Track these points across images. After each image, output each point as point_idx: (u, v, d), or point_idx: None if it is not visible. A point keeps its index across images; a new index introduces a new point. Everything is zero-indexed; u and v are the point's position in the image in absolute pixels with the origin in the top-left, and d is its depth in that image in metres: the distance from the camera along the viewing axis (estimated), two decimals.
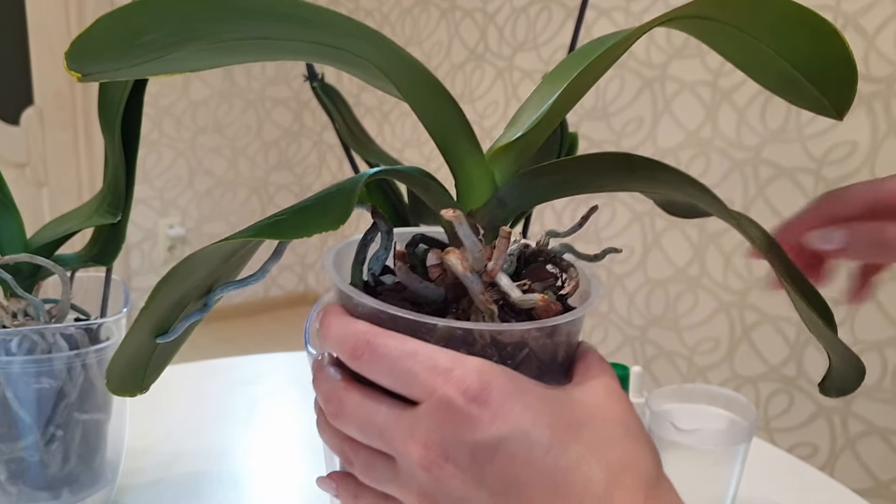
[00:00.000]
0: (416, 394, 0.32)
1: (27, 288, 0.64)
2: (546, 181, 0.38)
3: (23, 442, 0.63)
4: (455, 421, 0.30)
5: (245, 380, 1.03)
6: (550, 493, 0.30)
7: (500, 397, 0.30)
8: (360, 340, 0.33)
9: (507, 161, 0.38)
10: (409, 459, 0.31)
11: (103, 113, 0.61)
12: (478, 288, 0.34)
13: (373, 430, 0.33)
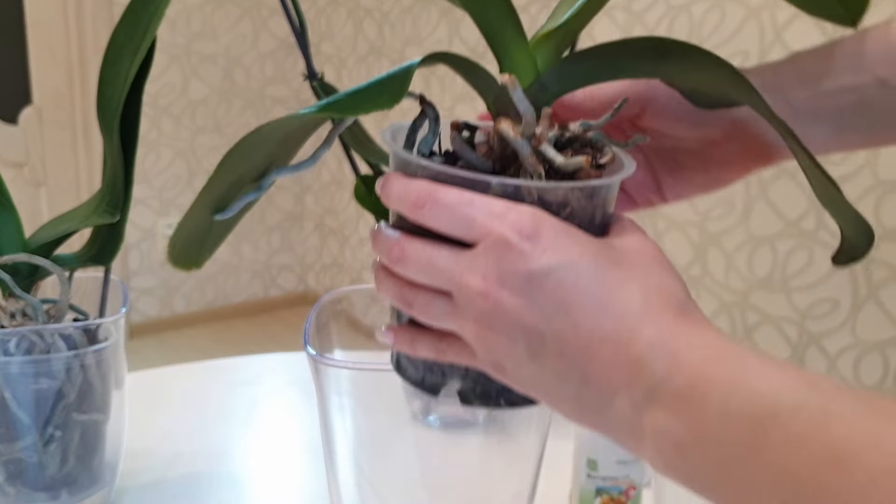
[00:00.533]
0: (474, 235, 0.36)
1: (25, 288, 0.64)
2: (585, 66, 0.41)
3: (21, 443, 0.63)
4: (511, 255, 0.35)
5: (245, 380, 1.02)
6: (594, 311, 0.34)
7: (550, 234, 0.35)
8: (423, 192, 0.37)
9: (549, 48, 0.41)
10: (468, 291, 0.36)
11: (102, 112, 0.61)
12: (527, 152, 0.38)
13: (433, 270, 0.37)
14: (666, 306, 0.34)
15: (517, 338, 0.35)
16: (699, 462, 0.32)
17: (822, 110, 0.45)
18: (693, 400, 0.31)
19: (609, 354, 0.34)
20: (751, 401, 0.30)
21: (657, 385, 0.32)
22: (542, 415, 0.58)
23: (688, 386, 0.32)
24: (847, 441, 0.28)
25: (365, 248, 3.07)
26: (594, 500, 0.68)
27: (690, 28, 1.89)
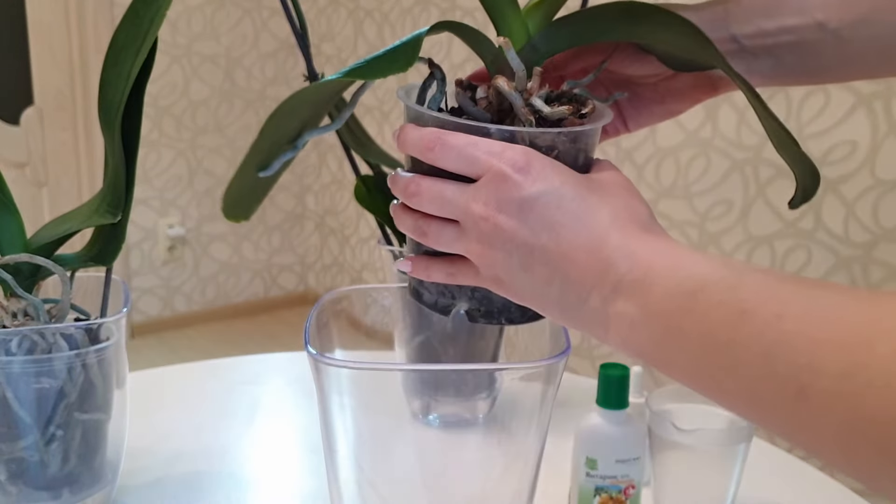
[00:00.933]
0: (476, 171, 0.43)
1: (27, 288, 0.64)
2: (570, 29, 0.48)
3: (23, 442, 0.63)
4: (507, 185, 0.42)
5: (245, 380, 1.03)
6: (572, 226, 0.41)
7: (539, 167, 0.42)
8: (433, 137, 0.44)
9: (538, 15, 0.48)
10: (473, 216, 0.43)
11: (103, 113, 0.62)
12: (519, 103, 0.45)
13: (443, 202, 0.44)
14: (630, 222, 0.41)
15: (512, 252, 0.43)
16: (648, 335, 0.39)
17: (764, 47, 0.49)
18: (643, 286, 0.39)
19: (584, 259, 0.41)
20: (684, 281, 0.37)
21: (619, 279, 0.40)
22: (541, 414, 0.58)
23: (641, 276, 0.39)
24: (752, 299, 0.34)
25: (365, 248, 3.07)
26: (593, 498, 0.68)
27: None
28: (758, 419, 0.35)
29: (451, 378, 0.75)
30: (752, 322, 0.34)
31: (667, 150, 1.99)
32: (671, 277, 0.38)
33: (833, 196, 1.69)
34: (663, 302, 0.38)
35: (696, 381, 0.37)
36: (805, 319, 0.32)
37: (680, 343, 0.37)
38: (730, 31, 0.49)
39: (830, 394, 0.31)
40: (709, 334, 0.35)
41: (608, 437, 0.67)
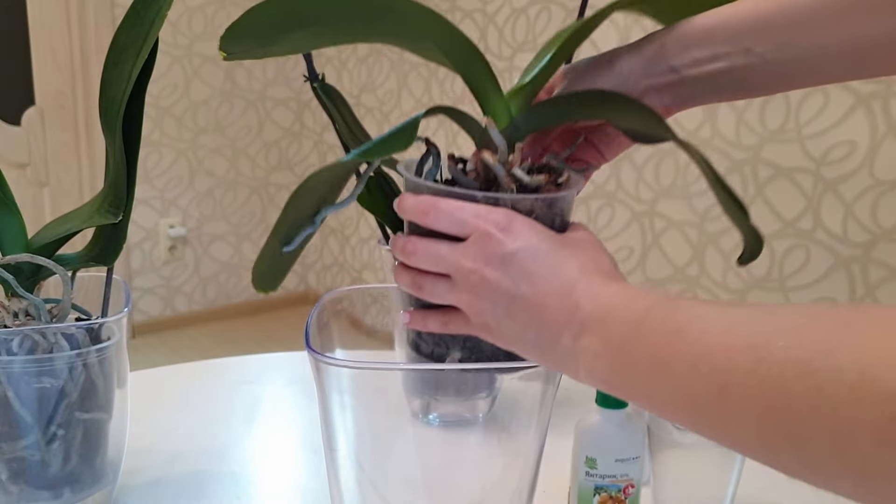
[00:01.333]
0: (465, 231, 0.49)
1: (28, 288, 0.64)
2: (547, 112, 0.54)
3: (24, 441, 0.63)
4: (491, 243, 0.48)
5: (246, 379, 1.03)
6: (546, 276, 0.47)
7: (518, 227, 0.48)
8: (428, 202, 0.50)
9: (519, 99, 0.54)
10: (463, 270, 0.49)
11: (104, 113, 0.62)
12: (502, 173, 0.51)
13: (437, 259, 0.50)
14: (596, 272, 0.47)
15: (497, 301, 0.48)
16: (608, 364, 0.44)
17: (701, 73, 0.54)
18: (604, 322, 0.45)
19: (556, 303, 0.47)
20: (634, 313, 0.43)
21: (585, 318, 0.45)
22: (541, 414, 0.58)
23: (602, 314, 0.45)
24: (684, 320, 0.40)
25: (365, 248, 3.07)
26: (593, 498, 0.68)
27: None
28: (698, 426, 0.40)
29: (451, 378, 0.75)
30: (683, 339, 0.40)
31: (666, 151, 1.99)
32: (624, 310, 0.44)
33: (832, 196, 1.70)
34: (617, 331, 0.44)
35: (648, 399, 0.43)
36: (724, 331, 0.38)
37: (632, 366, 0.43)
38: (668, 64, 0.55)
39: (743, 388, 0.36)
40: (651, 354, 0.41)
41: (608, 437, 0.67)
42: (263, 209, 3.23)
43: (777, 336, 0.36)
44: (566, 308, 0.46)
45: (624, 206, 2.10)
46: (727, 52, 0.53)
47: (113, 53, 0.61)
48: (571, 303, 0.46)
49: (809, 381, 0.34)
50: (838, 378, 0.33)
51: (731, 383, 0.37)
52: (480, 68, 0.53)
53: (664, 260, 2.03)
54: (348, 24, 0.48)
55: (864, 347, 0.33)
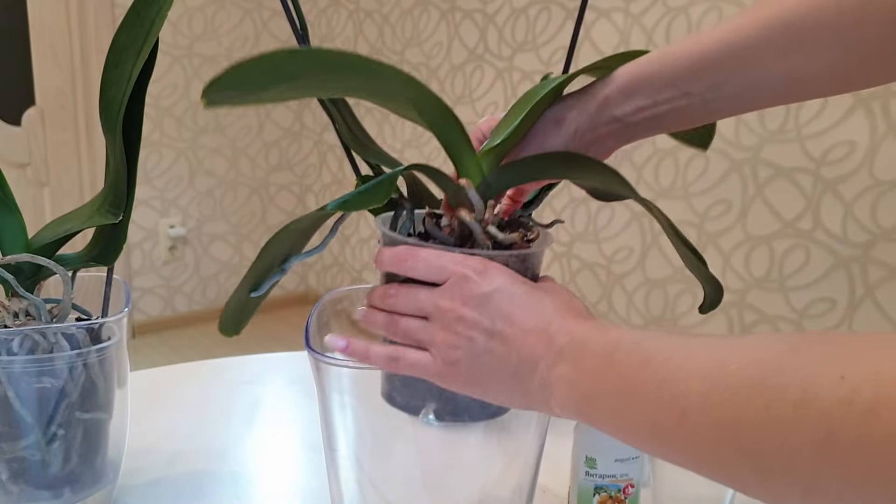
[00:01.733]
0: (443, 276, 0.51)
1: (29, 288, 0.64)
2: (517, 171, 0.57)
3: (24, 441, 0.63)
4: (469, 284, 0.50)
5: (246, 379, 1.03)
6: (523, 314, 0.49)
7: (493, 272, 0.51)
8: (406, 251, 0.52)
9: (490, 159, 0.57)
10: (441, 310, 0.51)
11: (105, 113, 0.62)
12: (478, 230, 0.54)
13: (416, 300, 0.52)
14: (569, 311, 0.50)
15: (474, 337, 0.50)
16: (581, 392, 0.46)
17: (644, 118, 0.57)
18: (578, 353, 0.47)
19: (533, 338, 0.49)
20: (606, 345, 0.46)
21: (561, 349, 0.47)
22: (541, 413, 0.59)
23: (577, 346, 0.47)
24: (650, 350, 0.43)
25: (365, 248, 3.07)
26: (593, 497, 0.68)
27: (688, 29, 1.90)
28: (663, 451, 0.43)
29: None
30: (649, 367, 0.42)
31: (665, 151, 1.99)
32: (597, 341, 0.46)
33: (832, 196, 1.70)
34: (590, 361, 0.46)
35: (616, 427, 0.45)
36: (686, 357, 0.41)
37: (601, 395, 0.45)
38: (612, 115, 0.57)
39: (700, 409, 0.38)
40: (620, 383, 0.44)
41: (607, 437, 0.67)
42: (263, 209, 3.23)
43: (732, 359, 0.38)
44: (542, 342, 0.48)
45: (624, 206, 2.10)
46: (667, 98, 0.55)
47: (113, 54, 0.61)
48: (547, 337, 0.48)
49: (759, 400, 0.36)
50: (783, 396, 0.35)
51: (690, 407, 0.39)
52: (453, 128, 0.55)
53: (664, 260, 2.03)
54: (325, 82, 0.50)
55: (809, 366, 0.35)
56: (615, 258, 2.14)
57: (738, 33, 0.53)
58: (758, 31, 0.52)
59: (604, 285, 2.19)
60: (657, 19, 1.96)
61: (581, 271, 2.24)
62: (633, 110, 0.57)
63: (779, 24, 0.52)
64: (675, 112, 0.56)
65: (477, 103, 2.48)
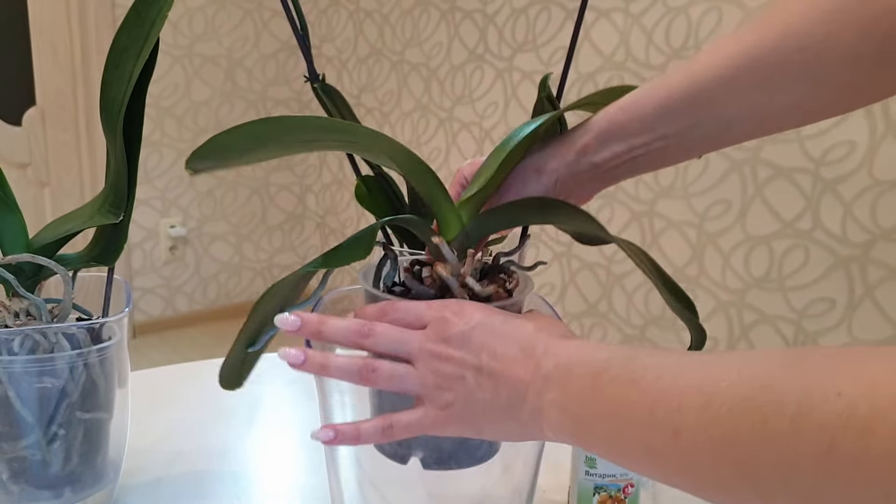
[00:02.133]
0: (424, 322, 0.52)
1: (29, 288, 0.64)
2: (497, 218, 0.58)
3: (25, 441, 0.63)
4: (449, 325, 0.51)
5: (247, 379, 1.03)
6: (505, 344, 0.50)
7: (469, 309, 0.51)
8: (386, 305, 0.54)
9: (469, 208, 0.57)
10: (426, 352, 0.51)
11: (105, 114, 0.62)
12: (455, 285, 0.55)
13: (399, 342, 0.52)
14: (550, 334, 0.50)
15: (464, 375, 0.50)
16: (571, 416, 0.46)
17: (621, 163, 0.58)
18: (564, 376, 0.47)
19: (519, 366, 0.49)
20: (593, 366, 0.46)
21: (547, 374, 0.48)
22: None
23: (563, 369, 0.47)
24: (639, 369, 0.43)
25: None
26: (592, 497, 0.68)
27: (688, 29, 1.90)
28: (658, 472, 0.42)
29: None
30: (638, 387, 0.42)
31: None
32: (583, 364, 0.46)
33: (831, 196, 1.70)
34: (578, 384, 0.46)
35: (609, 449, 0.45)
36: (677, 376, 0.41)
37: (592, 417, 0.45)
38: (591, 161, 0.59)
39: (695, 427, 0.38)
40: (610, 404, 0.44)
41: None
42: (264, 209, 3.23)
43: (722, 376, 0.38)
44: (529, 368, 0.48)
45: (623, 207, 2.10)
46: (644, 142, 0.57)
47: (114, 54, 0.61)
48: (533, 363, 0.49)
49: (755, 416, 0.35)
50: (780, 411, 0.35)
51: (684, 425, 0.39)
52: (431, 182, 0.56)
53: (664, 260, 2.03)
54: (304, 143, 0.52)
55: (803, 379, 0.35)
56: (615, 258, 2.15)
57: (706, 74, 0.54)
58: (726, 70, 0.53)
59: (604, 285, 2.19)
60: (657, 19, 1.96)
61: (581, 271, 2.24)
62: (610, 156, 0.58)
63: (745, 61, 0.53)
64: (652, 154, 0.57)
65: (477, 103, 2.48)
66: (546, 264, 0.67)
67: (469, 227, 0.57)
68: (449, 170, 2.61)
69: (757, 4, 1.76)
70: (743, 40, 0.53)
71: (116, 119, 0.61)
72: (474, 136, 2.52)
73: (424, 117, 2.70)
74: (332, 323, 0.53)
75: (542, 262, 0.64)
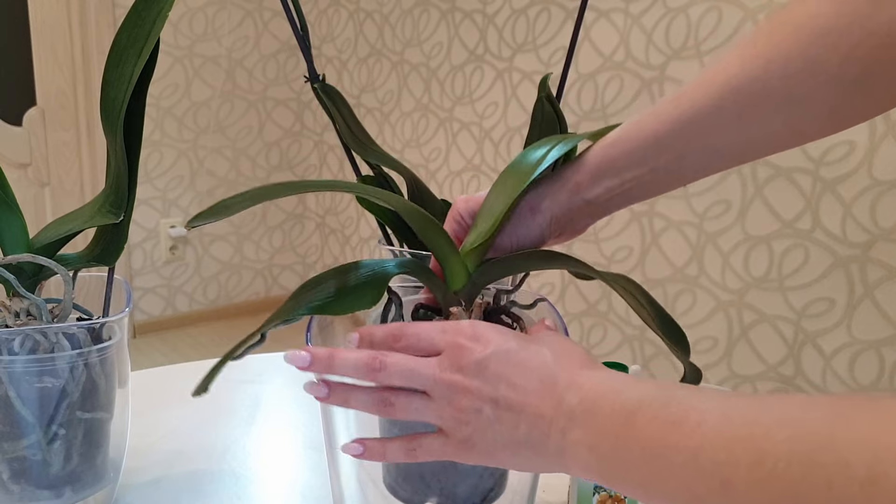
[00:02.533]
0: (437, 348, 0.51)
1: (30, 288, 0.64)
2: (500, 267, 0.59)
3: (25, 441, 0.63)
4: (463, 353, 0.49)
5: (247, 378, 1.03)
6: (523, 374, 0.48)
7: (486, 334, 0.50)
8: (396, 330, 0.52)
9: (474, 257, 0.58)
10: (442, 382, 0.49)
11: (106, 114, 0.62)
12: None
13: (412, 374, 0.50)
14: (571, 362, 0.49)
15: (481, 407, 0.48)
16: (600, 456, 0.44)
17: (614, 196, 0.59)
18: (592, 413, 0.45)
19: (539, 400, 0.47)
20: (624, 404, 0.44)
21: (572, 411, 0.46)
22: None
23: (589, 405, 0.45)
24: (679, 412, 0.41)
25: (365, 248, 3.07)
26: (592, 497, 0.68)
27: (688, 30, 1.90)
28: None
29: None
30: (680, 431, 0.40)
31: None
32: (613, 402, 0.44)
33: (831, 196, 1.70)
34: (608, 424, 0.44)
35: (646, 491, 0.42)
36: (721, 423, 0.39)
37: (626, 458, 0.43)
38: (584, 198, 0.60)
39: (748, 483, 0.36)
40: (647, 446, 0.42)
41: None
42: (264, 209, 3.23)
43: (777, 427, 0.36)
44: (550, 403, 0.47)
45: None
46: (634, 176, 0.58)
47: (114, 54, 0.61)
48: (555, 397, 0.47)
49: (818, 478, 0.34)
50: (847, 473, 0.33)
51: (735, 478, 0.37)
52: (437, 234, 0.57)
53: (663, 260, 2.03)
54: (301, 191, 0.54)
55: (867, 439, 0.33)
56: (615, 258, 2.15)
57: (692, 105, 0.55)
58: (711, 100, 0.54)
59: (603, 285, 2.19)
60: (657, 20, 1.96)
61: None
62: (603, 192, 0.59)
63: (729, 92, 0.53)
64: (644, 185, 0.58)
65: (477, 104, 2.48)
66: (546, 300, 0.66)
67: (475, 276, 0.58)
68: (449, 170, 2.62)
69: (756, 5, 1.76)
70: (727, 69, 0.54)
71: (117, 119, 0.61)
72: (474, 136, 2.52)
73: (424, 117, 2.70)
74: (343, 357, 0.51)
75: (542, 298, 0.63)
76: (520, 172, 0.59)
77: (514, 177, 0.60)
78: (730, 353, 1.91)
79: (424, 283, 0.59)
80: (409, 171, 0.80)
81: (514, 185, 0.59)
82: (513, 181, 0.59)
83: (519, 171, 0.59)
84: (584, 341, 2.23)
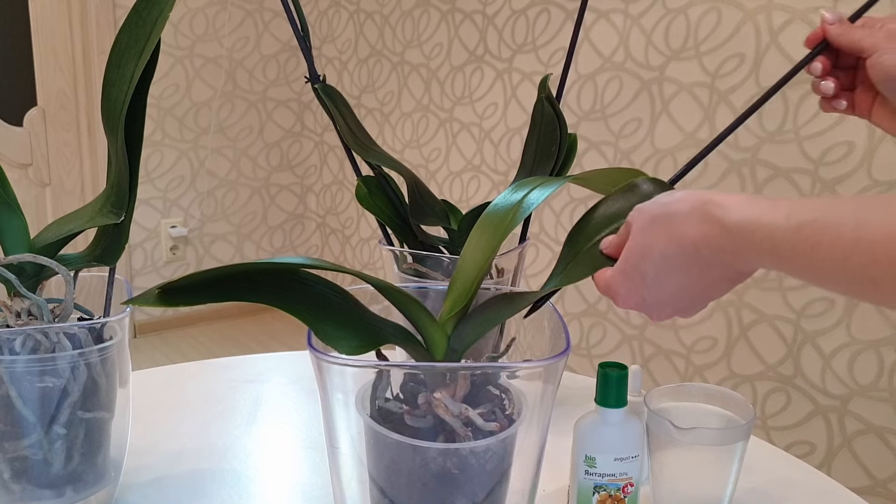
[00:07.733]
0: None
1: (31, 287, 0.64)
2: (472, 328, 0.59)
3: (26, 440, 0.63)
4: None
5: (248, 378, 1.03)
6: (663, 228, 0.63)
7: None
8: None
9: (453, 321, 0.59)
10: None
11: (107, 114, 0.62)
12: (458, 426, 0.55)
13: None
14: (700, 196, 0.61)
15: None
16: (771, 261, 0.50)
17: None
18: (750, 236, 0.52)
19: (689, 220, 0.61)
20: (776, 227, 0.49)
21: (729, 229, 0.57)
22: (541, 413, 0.59)
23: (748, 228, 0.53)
24: (814, 233, 0.46)
25: (365, 248, 3.08)
26: (592, 496, 0.69)
27: (687, 31, 1.90)
28: (860, 299, 0.46)
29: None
30: (820, 250, 0.45)
31: (665, 151, 1.99)
32: (769, 225, 0.49)
33: None
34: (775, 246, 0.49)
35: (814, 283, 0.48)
36: (874, 226, 0.43)
37: (789, 267, 0.48)
38: None
39: (892, 279, 0.42)
40: (804, 261, 0.46)
41: (607, 436, 0.68)
42: (265, 209, 3.23)
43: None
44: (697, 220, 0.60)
45: None
46: None
47: (115, 54, 0.62)
48: (701, 214, 0.59)
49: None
50: None
51: (880, 276, 0.42)
52: (416, 308, 0.58)
53: None
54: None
55: None
56: None
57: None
58: None
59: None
60: (656, 20, 1.97)
61: None
62: None
63: None
64: None
65: (477, 104, 2.48)
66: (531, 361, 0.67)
67: (453, 340, 0.59)
68: (449, 170, 2.62)
69: (756, 5, 1.76)
70: None
71: (118, 119, 0.61)
72: (474, 136, 2.52)
73: (425, 118, 2.70)
74: None
75: (528, 360, 0.63)
76: (495, 224, 0.61)
77: (489, 229, 0.61)
78: (729, 353, 1.91)
79: (410, 353, 0.60)
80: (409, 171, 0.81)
81: (488, 240, 0.60)
82: (487, 236, 0.60)
83: (494, 223, 0.61)
84: (584, 341, 2.23)
